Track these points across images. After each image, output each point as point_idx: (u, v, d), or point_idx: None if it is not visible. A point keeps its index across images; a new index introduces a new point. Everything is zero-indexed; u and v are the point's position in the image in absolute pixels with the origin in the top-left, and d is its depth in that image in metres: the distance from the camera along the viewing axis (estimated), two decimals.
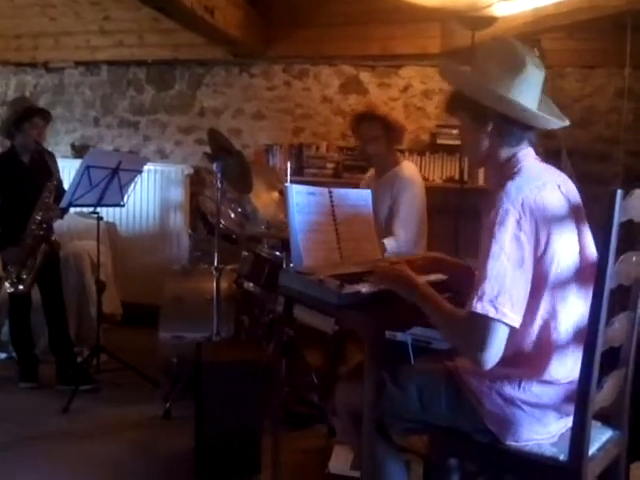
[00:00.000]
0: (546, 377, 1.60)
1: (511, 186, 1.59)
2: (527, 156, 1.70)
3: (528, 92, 1.67)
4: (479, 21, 3.62)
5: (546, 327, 1.60)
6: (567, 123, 1.74)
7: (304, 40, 4.69)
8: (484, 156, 1.74)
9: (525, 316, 1.55)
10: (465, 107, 1.73)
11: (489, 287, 1.50)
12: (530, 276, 1.55)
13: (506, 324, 1.50)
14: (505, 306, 1.49)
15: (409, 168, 3.23)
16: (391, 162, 3.23)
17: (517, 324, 1.52)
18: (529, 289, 1.55)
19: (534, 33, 3.86)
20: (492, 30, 3.67)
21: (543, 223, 1.56)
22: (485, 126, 1.68)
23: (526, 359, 1.61)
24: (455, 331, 1.60)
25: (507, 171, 1.67)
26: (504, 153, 1.70)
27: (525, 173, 1.65)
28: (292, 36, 4.71)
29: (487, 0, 3.41)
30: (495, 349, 1.50)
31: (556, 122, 1.71)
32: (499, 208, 1.55)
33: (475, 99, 1.67)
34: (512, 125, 1.67)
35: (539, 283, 1.57)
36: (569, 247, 1.62)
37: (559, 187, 1.67)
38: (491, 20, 3.61)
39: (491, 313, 1.49)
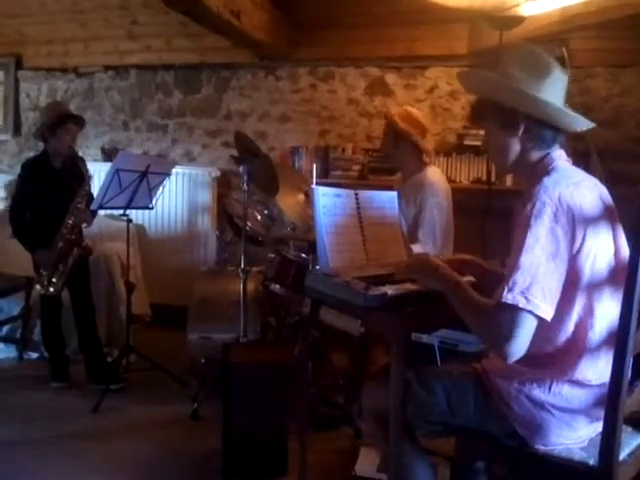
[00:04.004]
0: (577, 377, 1.59)
1: (548, 181, 1.60)
2: (560, 157, 1.70)
3: (555, 94, 1.67)
4: (507, 21, 3.59)
5: (582, 324, 1.58)
6: (592, 125, 1.72)
7: (329, 42, 4.70)
8: (514, 161, 1.72)
9: (560, 312, 1.54)
10: (493, 113, 1.71)
11: (521, 278, 1.49)
12: (564, 270, 1.53)
13: (536, 316, 1.49)
14: (537, 297, 1.48)
15: (433, 175, 3.15)
16: (414, 167, 3.19)
17: (548, 317, 1.51)
18: (562, 283, 1.53)
19: (562, 32, 3.82)
20: (520, 30, 3.64)
21: (580, 219, 1.55)
22: (516, 130, 1.67)
23: (559, 357, 1.60)
24: (481, 320, 1.57)
25: (541, 169, 1.67)
26: (536, 155, 1.70)
27: (560, 171, 1.65)
28: (317, 38, 4.72)
29: (515, 0, 3.39)
30: (522, 341, 1.49)
31: (584, 121, 1.70)
32: (536, 201, 1.54)
33: (504, 103, 1.67)
34: (543, 127, 1.67)
35: (574, 279, 1.55)
36: (605, 247, 1.61)
37: (594, 186, 1.67)
38: (519, 20, 3.58)
39: (521, 304, 1.47)
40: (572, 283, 1.55)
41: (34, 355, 4.07)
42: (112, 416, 3.25)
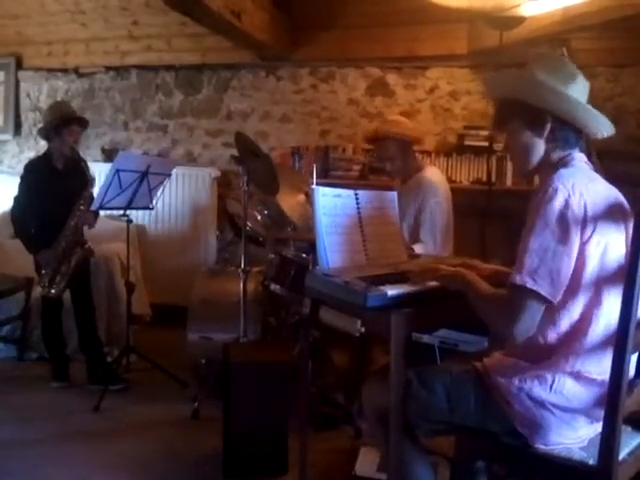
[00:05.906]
0: (580, 368, 1.59)
1: (564, 171, 1.63)
2: (581, 159, 1.72)
3: (581, 99, 1.70)
4: (507, 21, 3.60)
5: (588, 314, 1.59)
6: (613, 131, 1.74)
7: (330, 43, 4.70)
8: (538, 162, 1.74)
9: (565, 297, 1.56)
10: (520, 113, 1.73)
11: (529, 260, 1.53)
12: (574, 256, 1.55)
13: (543, 297, 1.52)
14: (544, 279, 1.51)
15: (433, 175, 3.16)
16: (413, 168, 3.19)
17: (555, 299, 1.53)
18: (571, 269, 1.55)
19: (563, 33, 3.82)
20: (520, 30, 3.64)
21: (591, 210, 1.56)
22: (542, 130, 1.70)
23: (562, 345, 1.61)
24: (492, 305, 1.62)
25: (561, 164, 1.69)
26: (557, 154, 1.72)
27: (579, 166, 1.68)
28: (318, 39, 4.73)
29: (515, 0, 3.39)
30: (529, 321, 1.53)
31: (608, 125, 1.72)
32: (549, 187, 1.57)
33: (533, 102, 1.69)
34: (567, 129, 1.70)
35: (581, 266, 1.57)
36: (616, 243, 1.62)
37: (610, 187, 1.70)
38: (519, 20, 3.58)
39: (529, 284, 1.51)
40: (580, 271, 1.57)
41: (34, 355, 4.05)
42: (112, 416, 3.25)
